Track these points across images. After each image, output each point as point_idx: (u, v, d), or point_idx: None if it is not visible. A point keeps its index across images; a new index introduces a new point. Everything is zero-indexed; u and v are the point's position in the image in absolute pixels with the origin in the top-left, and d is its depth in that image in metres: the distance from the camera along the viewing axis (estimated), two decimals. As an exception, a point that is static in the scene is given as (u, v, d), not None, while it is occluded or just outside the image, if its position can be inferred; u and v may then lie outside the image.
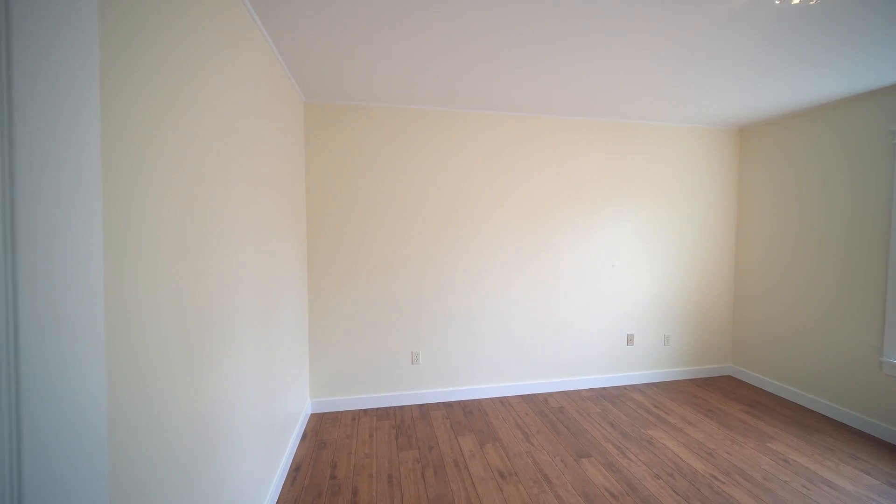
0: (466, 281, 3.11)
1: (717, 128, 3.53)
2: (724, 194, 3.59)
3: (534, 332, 3.27)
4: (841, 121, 2.80)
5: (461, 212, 3.07)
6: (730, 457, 2.36)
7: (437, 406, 3.04)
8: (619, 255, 3.41)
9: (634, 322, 3.48)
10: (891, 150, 2.53)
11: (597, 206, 3.34)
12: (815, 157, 2.97)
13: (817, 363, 2.95)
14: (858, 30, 1.82)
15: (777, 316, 3.26)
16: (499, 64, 2.22)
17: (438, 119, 2.99)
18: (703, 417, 2.86)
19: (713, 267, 3.61)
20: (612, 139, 3.32)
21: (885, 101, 2.55)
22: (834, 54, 2.06)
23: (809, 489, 2.06)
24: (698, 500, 1.99)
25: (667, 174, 3.45)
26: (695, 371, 3.62)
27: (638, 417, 2.86)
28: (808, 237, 3.02)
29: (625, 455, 2.38)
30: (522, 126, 3.13)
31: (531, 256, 3.22)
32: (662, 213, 3.47)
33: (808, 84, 2.48)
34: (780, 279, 3.23)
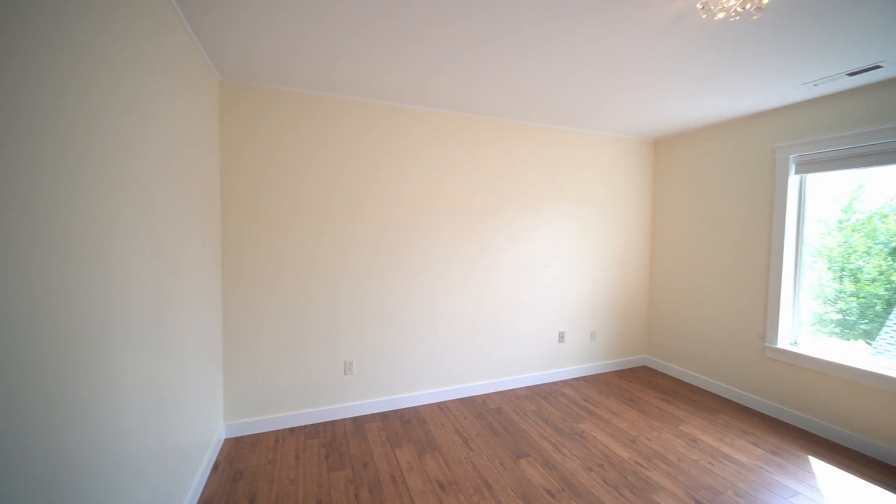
0: (405, 284, 2.98)
1: (638, 139, 3.86)
2: (641, 201, 3.93)
3: (473, 333, 3.25)
4: (735, 137, 3.21)
5: (398, 212, 2.94)
6: (650, 442, 2.54)
7: (372, 417, 2.86)
8: (552, 256, 3.55)
9: (565, 320, 3.64)
10: (772, 165, 2.95)
11: (533, 209, 3.43)
12: (714, 170, 3.37)
13: (715, 351, 3.34)
14: (762, 53, 2.07)
15: (683, 311, 3.64)
16: (439, 58, 2.15)
17: (377, 112, 2.83)
18: (626, 407, 3.07)
19: (632, 267, 3.93)
20: (547, 144, 3.44)
21: (768, 121, 2.97)
22: (739, 75, 2.33)
23: (713, 465, 2.30)
24: (626, 487, 2.09)
25: (594, 180, 3.68)
26: (617, 363, 3.90)
27: (570, 412, 2.97)
28: (708, 241, 3.42)
29: (559, 451, 2.44)
30: (463, 125, 3.10)
31: (471, 258, 3.20)
32: (590, 217, 3.69)
33: (713, 102, 2.79)
34: (686, 278, 3.61)
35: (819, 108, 2.67)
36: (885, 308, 2.59)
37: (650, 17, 1.73)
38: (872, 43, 1.92)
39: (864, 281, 2.69)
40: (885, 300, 2.59)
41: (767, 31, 1.83)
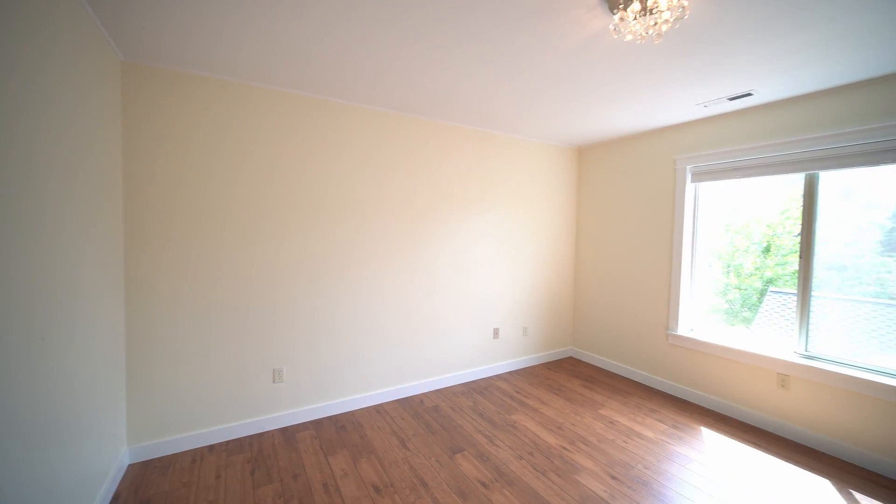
0: (341, 287, 2.89)
1: (564, 146, 4.14)
2: (567, 204, 4.23)
3: (410, 333, 3.25)
4: (646, 148, 3.58)
5: (329, 212, 2.83)
6: (574, 427, 2.75)
7: (304, 426, 2.73)
8: (487, 255, 3.67)
9: (500, 317, 3.79)
10: (673, 174, 3.35)
11: (469, 210, 3.52)
12: (629, 176, 3.74)
13: (628, 340, 3.71)
14: (664, 75, 2.33)
15: (602, 305, 3.99)
16: (379, 55, 2.11)
17: (311, 106, 2.69)
18: (554, 396, 3.28)
19: (560, 265, 4.21)
20: (483, 146, 3.55)
21: (671, 136, 3.37)
22: (648, 92, 2.61)
23: (627, 443, 2.55)
24: (553, 471, 2.24)
25: (525, 183, 3.87)
26: (547, 355, 4.16)
27: (503, 404, 3.11)
28: (623, 240, 3.78)
29: (493, 443, 2.54)
30: (401, 125, 3.08)
31: (408, 257, 3.19)
32: (522, 218, 3.88)
33: (628, 116, 3.09)
34: (605, 275, 3.97)
35: (708, 126, 3.09)
36: (759, 298, 3.08)
37: (572, 33, 1.87)
38: (745, 74, 2.27)
39: (745, 275, 3.17)
40: (759, 291, 3.08)
41: (667, 56, 2.07)
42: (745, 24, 1.75)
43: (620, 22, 1.64)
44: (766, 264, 3.05)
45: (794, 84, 2.39)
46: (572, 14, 1.74)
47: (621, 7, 1.62)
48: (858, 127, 2.34)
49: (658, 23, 1.57)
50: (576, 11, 1.73)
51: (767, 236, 2.96)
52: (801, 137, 2.58)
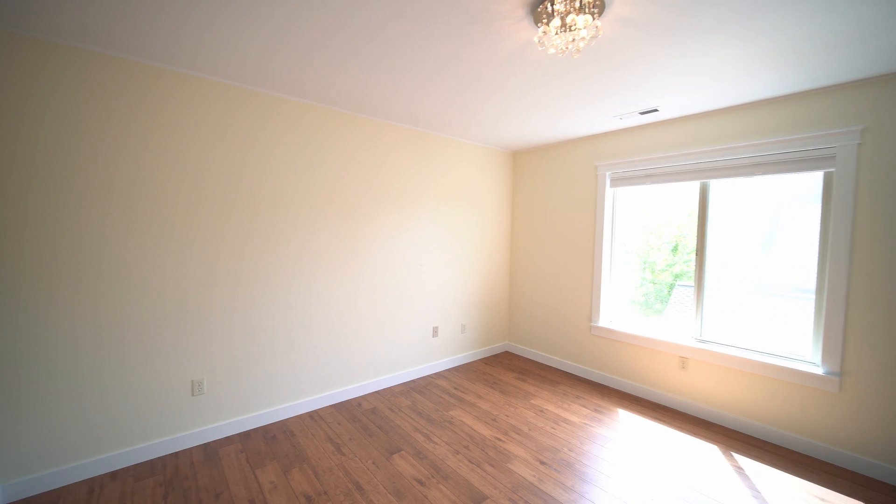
0: (268, 288, 2.72)
1: (500, 150, 4.30)
2: (503, 205, 4.41)
3: (347, 334, 3.17)
4: (573, 155, 3.86)
5: (259, 209, 2.66)
6: (508, 418, 2.89)
7: (229, 440, 2.54)
8: (427, 254, 3.70)
9: (439, 315, 3.85)
10: (595, 179, 3.65)
11: (409, 209, 3.52)
12: (558, 180, 4.00)
13: (557, 332, 3.98)
14: (587, 87, 2.52)
15: (535, 300, 4.22)
16: (309, 47, 2.02)
17: (234, 95, 2.49)
18: (490, 390, 3.41)
19: (496, 264, 4.38)
20: (422, 146, 3.56)
21: (594, 144, 3.66)
22: (573, 103, 2.80)
23: (555, 429, 2.74)
24: (487, 462, 2.33)
25: (463, 184, 3.96)
26: (484, 351, 4.30)
27: (442, 402, 3.16)
28: (552, 240, 4.04)
29: (431, 440, 2.57)
30: (336, 121, 2.97)
31: (344, 257, 3.10)
32: (460, 218, 3.97)
33: (556, 124, 3.29)
34: (537, 272, 4.20)
35: (623, 136, 3.42)
36: (669, 291, 3.47)
37: (501, 42, 1.96)
38: (651, 92, 2.54)
39: (657, 271, 3.55)
40: (669, 285, 3.46)
41: (587, 71, 2.25)
42: (650, 47, 1.97)
43: (544, 35, 1.75)
44: (675, 261, 3.44)
45: (691, 103, 2.73)
46: (500, 24, 1.82)
47: (545, 22, 1.73)
48: (741, 143, 2.74)
49: (576, 39, 1.70)
50: (504, 22, 1.81)
51: (676, 236, 3.34)
52: (696, 150, 2.96)
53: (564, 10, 1.64)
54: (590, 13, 1.65)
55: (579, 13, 1.64)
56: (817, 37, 1.82)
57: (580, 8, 1.64)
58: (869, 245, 2.26)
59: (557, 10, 1.65)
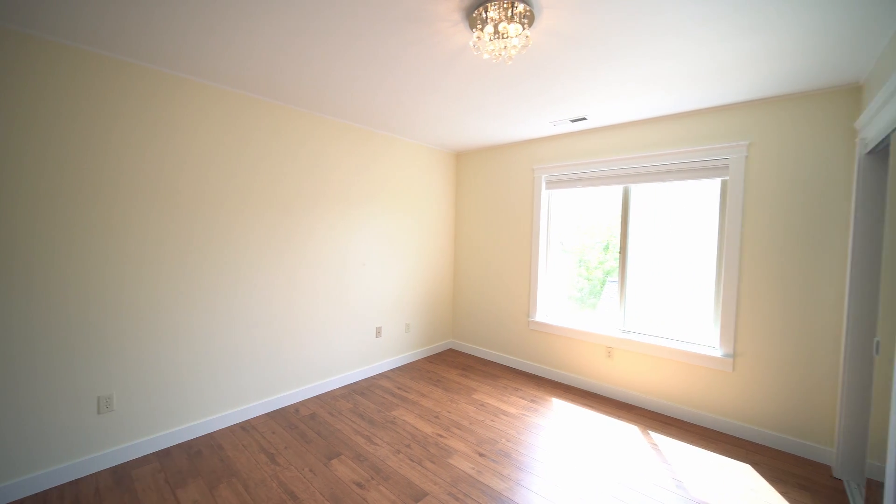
0: (192, 291, 2.50)
1: (444, 150, 4.34)
2: (447, 204, 4.46)
3: (285, 339, 3.01)
4: (513, 157, 4.01)
5: (183, 206, 2.43)
6: (450, 414, 2.93)
7: (145, 460, 2.29)
8: (370, 254, 3.63)
9: (382, 315, 3.80)
10: (533, 182, 3.83)
11: (351, 207, 3.43)
12: (499, 182, 4.14)
13: (499, 329, 4.12)
14: (521, 94, 2.63)
15: (477, 298, 4.34)
16: (232, 26, 1.88)
17: (154, 83, 2.24)
18: (434, 387, 3.44)
19: (440, 263, 4.43)
20: (366, 144, 3.49)
21: (531, 148, 3.84)
22: (510, 108, 2.91)
23: (494, 421, 2.84)
24: (428, 459, 2.35)
25: (407, 184, 3.95)
26: (428, 350, 4.33)
27: (385, 402, 3.13)
28: (493, 239, 4.17)
29: (372, 442, 2.54)
30: (273, 114, 2.80)
31: (282, 258, 2.94)
32: (404, 218, 3.95)
33: (496, 127, 3.40)
34: (480, 271, 4.32)
35: (557, 141, 3.63)
36: (601, 286, 3.74)
37: (441, 43, 1.98)
38: (580, 101, 2.73)
39: (591, 268, 3.81)
40: (601, 281, 3.74)
41: (521, 77, 2.36)
42: (577, 60, 2.11)
43: (478, 40, 1.80)
44: (606, 259, 3.71)
45: (615, 114, 2.97)
46: (439, 26, 1.85)
47: (479, 27, 1.78)
48: (656, 152, 3.04)
49: (507, 47, 1.78)
50: (442, 24, 1.84)
51: (607, 236, 3.61)
52: (619, 157, 3.23)
53: (498, 18, 1.71)
54: (520, 23, 1.73)
55: (511, 22, 1.72)
56: (711, 63, 2.08)
57: (511, 17, 1.71)
58: (755, 244, 2.63)
59: (491, 17, 1.72)
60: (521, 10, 1.71)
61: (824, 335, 2.39)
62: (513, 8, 1.70)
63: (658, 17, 1.71)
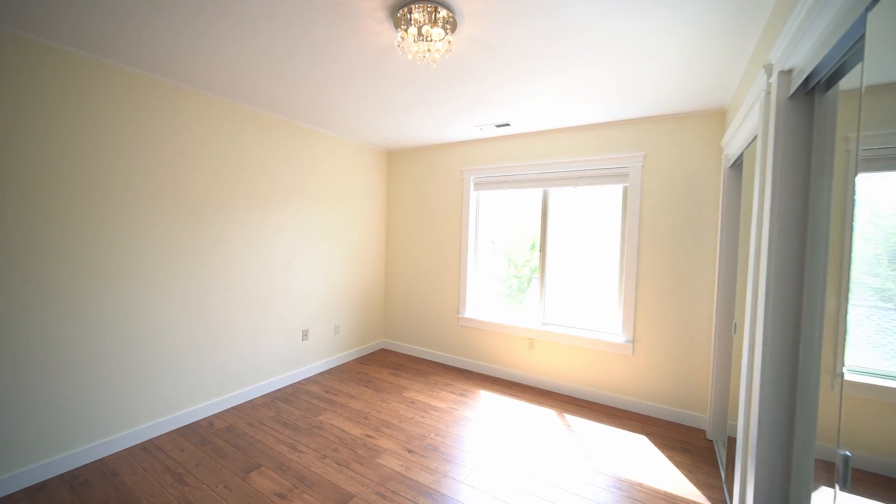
0: (81, 295, 2.16)
1: (375, 148, 4.28)
2: (378, 203, 4.40)
3: (197, 347, 2.74)
4: (443, 158, 4.09)
5: (73, 198, 2.09)
6: (380, 414, 2.92)
7: (10, 500, 1.94)
8: (295, 254, 3.45)
9: (309, 317, 3.64)
10: (462, 182, 3.95)
11: (275, 204, 3.22)
12: (430, 181, 4.19)
13: (430, 326, 4.19)
14: (448, 96, 2.69)
15: (409, 297, 4.36)
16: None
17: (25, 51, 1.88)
18: (364, 388, 3.39)
19: (371, 262, 4.36)
20: (292, 139, 3.30)
21: (460, 149, 3.96)
22: (438, 110, 2.96)
23: (424, 417, 2.89)
24: (356, 461, 2.32)
25: (337, 181, 3.82)
26: (359, 351, 4.25)
27: (311, 407, 3.01)
28: (425, 238, 4.23)
29: (296, 450, 2.43)
30: (176, 98, 2.52)
31: (193, 261, 2.66)
32: (333, 215, 3.82)
33: (426, 127, 3.44)
34: (411, 269, 4.34)
35: (484, 145, 3.80)
36: (528, 283, 3.97)
37: (367, 40, 1.97)
38: (504, 108, 2.88)
39: (519, 266, 4.02)
40: (528, 278, 3.97)
41: (448, 81, 2.43)
42: (499, 69, 2.23)
43: (402, 41, 1.82)
44: (532, 257, 3.95)
45: (536, 122, 3.19)
46: (364, 22, 1.83)
47: (403, 27, 1.80)
48: (571, 158, 3.32)
49: (431, 50, 1.82)
50: (367, 20, 1.82)
51: (533, 236, 3.84)
52: (539, 162, 3.48)
53: (422, 20, 1.74)
54: (443, 27, 1.79)
55: (434, 26, 1.76)
56: (613, 82, 2.34)
57: (435, 21, 1.76)
58: (649, 242, 3.02)
59: (416, 18, 1.74)
60: (444, 16, 1.76)
61: (701, 320, 2.82)
62: (436, 12, 1.75)
63: (566, 39, 1.89)
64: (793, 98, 1.29)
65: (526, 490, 2.10)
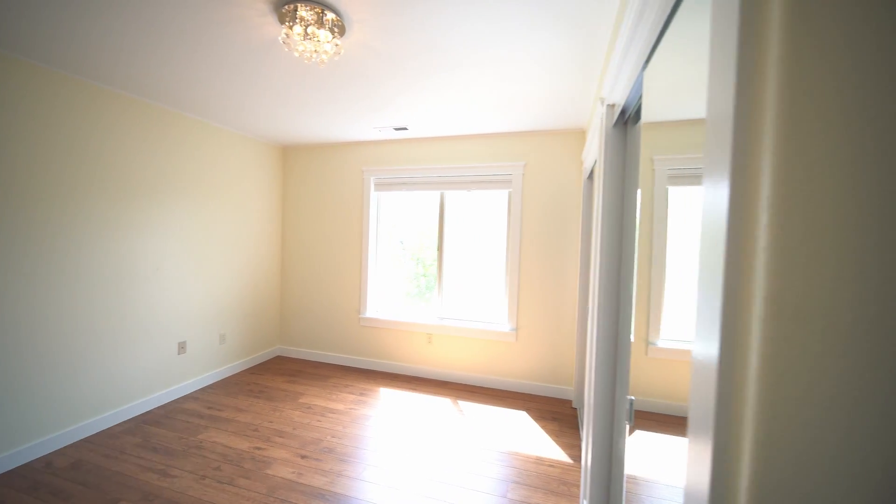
0: None
1: (269, 143, 3.99)
2: (272, 201, 4.12)
3: (28, 375, 2.23)
4: (344, 157, 4.01)
5: None
6: (272, 424, 2.77)
7: None
8: (169, 256, 3.04)
9: (187, 327, 3.25)
10: (362, 182, 3.94)
11: (140, 203, 2.79)
12: (331, 180, 4.08)
13: (331, 329, 4.09)
14: (344, 97, 2.67)
15: (309, 300, 4.18)
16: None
17: None
18: (255, 400, 3.16)
19: (264, 265, 4.06)
20: (164, 128, 2.89)
21: (361, 149, 3.94)
22: (334, 109, 2.91)
23: (321, 421, 2.83)
24: (241, 476, 2.18)
25: (224, 175, 3.47)
26: (251, 360, 3.93)
27: (188, 427, 2.70)
28: (325, 238, 4.10)
29: (168, 475, 2.17)
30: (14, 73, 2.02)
31: (30, 268, 2.16)
32: (217, 215, 3.46)
33: (325, 125, 3.34)
34: (311, 271, 4.17)
35: (384, 146, 3.86)
36: (435, 281, 4.10)
37: (250, 31, 1.87)
38: (402, 112, 2.98)
39: (427, 265, 4.14)
40: (435, 277, 4.10)
41: (343, 81, 2.43)
42: (392, 75, 2.32)
43: (287, 38, 1.78)
44: (438, 256, 4.11)
45: (432, 128, 3.36)
46: (244, 12, 1.74)
47: (288, 24, 1.77)
48: (464, 164, 3.58)
49: (319, 51, 1.83)
50: (248, 11, 1.74)
51: (439, 237, 3.99)
52: (437, 166, 3.67)
53: (309, 20, 1.74)
54: (331, 30, 1.81)
55: (321, 27, 1.77)
56: (496, 99, 2.62)
57: (322, 23, 1.77)
58: (529, 242, 3.43)
59: (302, 16, 1.73)
60: (332, 19, 1.78)
61: (568, 307, 3.31)
62: (323, 15, 1.76)
63: (450, 57, 2.06)
64: (615, 126, 1.64)
65: (420, 475, 2.23)
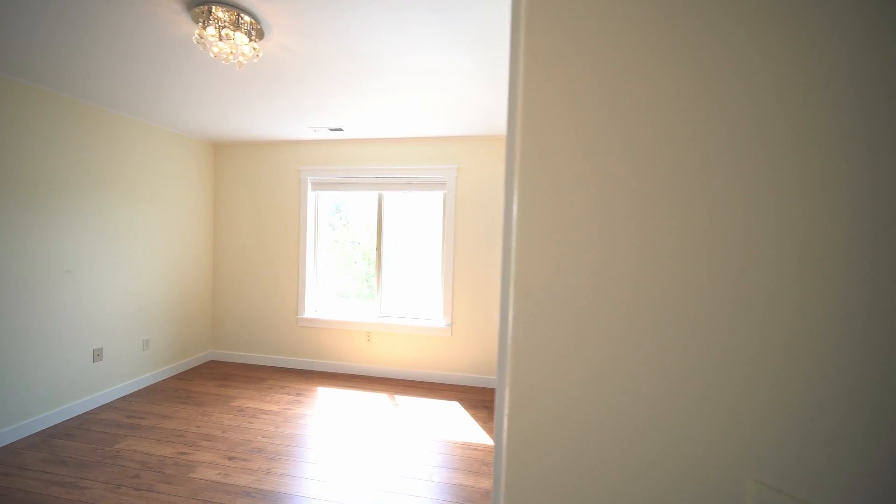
0: None
1: (197, 139, 3.82)
2: (203, 200, 3.95)
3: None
4: (280, 156, 3.95)
5: None
6: (199, 429, 2.70)
7: None
8: (83, 258, 2.84)
9: (104, 334, 3.05)
10: (298, 182, 3.90)
11: (49, 201, 2.59)
12: (266, 179, 3.99)
13: (268, 331, 4.01)
14: (275, 95, 2.66)
15: (244, 302, 4.07)
16: None
17: None
18: (181, 406, 3.05)
19: (194, 266, 3.89)
20: (81, 123, 2.68)
21: (297, 149, 3.89)
22: (265, 107, 2.88)
23: (252, 422, 2.81)
24: (162, 481, 2.13)
25: (145, 172, 3.28)
26: (179, 366, 3.76)
27: (104, 438, 2.57)
28: (261, 239, 4.01)
29: (78, 487, 2.07)
30: None
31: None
32: (139, 214, 3.27)
33: (259, 123, 3.27)
34: (246, 272, 4.06)
35: (320, 146, 3.85)
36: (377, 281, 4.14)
37: (164, 27, 1.84)
38: (336, 113, 3.01)
39: (374, 264, 4.14)
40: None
41: (267, 82, 2.43)
42: (319, 78, 2.36)
43: (200, 38, 1.78)
44: (378, 256, 4.14)
45: (365, 129, 3.42)
46: (155, 7, 1.72)
47: (201, 24, 1.77)
48: (401, 166, 3.68)
49: (236, 53, 1.84)
50: (158, 7, 1.72)
51: (378, 237, 4.02)
52: (374, 167, 3.74)
53: (225, 21, 1.74)
54: (247, 34, 1.83)
55: (237, 30, 1.79)
56: (425, 104, 2.75)
57: (238, 26, 1.79)
58: (462, 241, 3.61)
59: (219, 17, 1.74)
60: (249, 22, 1.81)
61: (491, 301, 3.53)
62: (240, 17, 1.78)
63: (374, 62, 2.15)
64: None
65: (351, 466, 2.31)
